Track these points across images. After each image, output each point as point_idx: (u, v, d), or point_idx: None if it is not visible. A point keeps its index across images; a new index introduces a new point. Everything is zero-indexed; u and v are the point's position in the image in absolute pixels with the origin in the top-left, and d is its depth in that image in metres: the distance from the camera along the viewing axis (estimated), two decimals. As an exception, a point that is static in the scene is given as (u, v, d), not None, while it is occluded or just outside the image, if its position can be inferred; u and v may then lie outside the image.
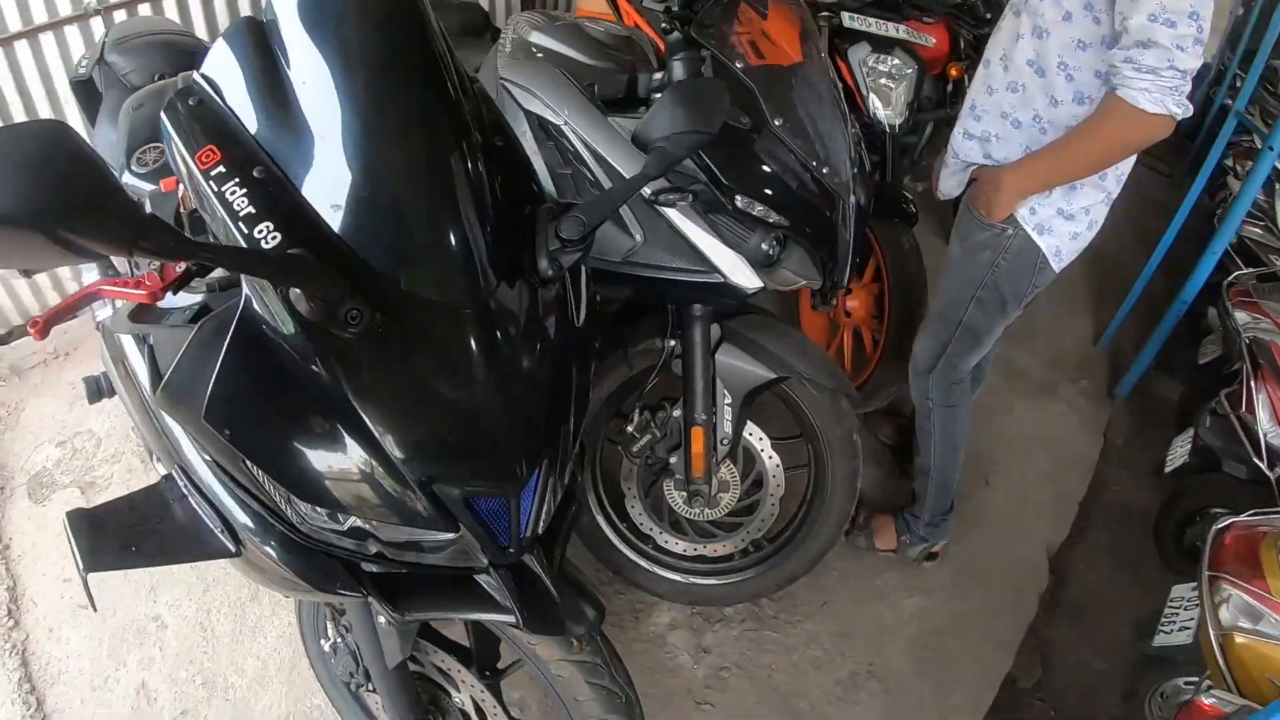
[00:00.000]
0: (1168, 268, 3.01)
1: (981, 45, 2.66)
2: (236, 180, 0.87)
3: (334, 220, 0.89)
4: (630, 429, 1.94)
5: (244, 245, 0.85)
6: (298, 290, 0.85)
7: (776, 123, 1.60)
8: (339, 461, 0.90)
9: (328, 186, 0.89)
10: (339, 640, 1.51)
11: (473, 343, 0.93)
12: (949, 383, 2.02)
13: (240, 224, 0.86)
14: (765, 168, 1.60)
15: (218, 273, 0.97)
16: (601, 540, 2.09)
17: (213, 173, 0.87)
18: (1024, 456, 2.74)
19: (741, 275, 1.62)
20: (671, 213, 1.60)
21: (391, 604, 1.09)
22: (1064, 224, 1.71)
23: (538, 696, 1.94)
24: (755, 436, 1.99)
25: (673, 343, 1.82)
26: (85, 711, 2.01)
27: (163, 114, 0.93)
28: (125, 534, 1.09)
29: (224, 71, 0.96)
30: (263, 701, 2.02)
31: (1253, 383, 2.27)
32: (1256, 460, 2.22)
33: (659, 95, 1.56)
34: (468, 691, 1.45)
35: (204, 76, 0.97)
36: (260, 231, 0.86)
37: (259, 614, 2.20)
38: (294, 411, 0.89)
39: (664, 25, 1.64)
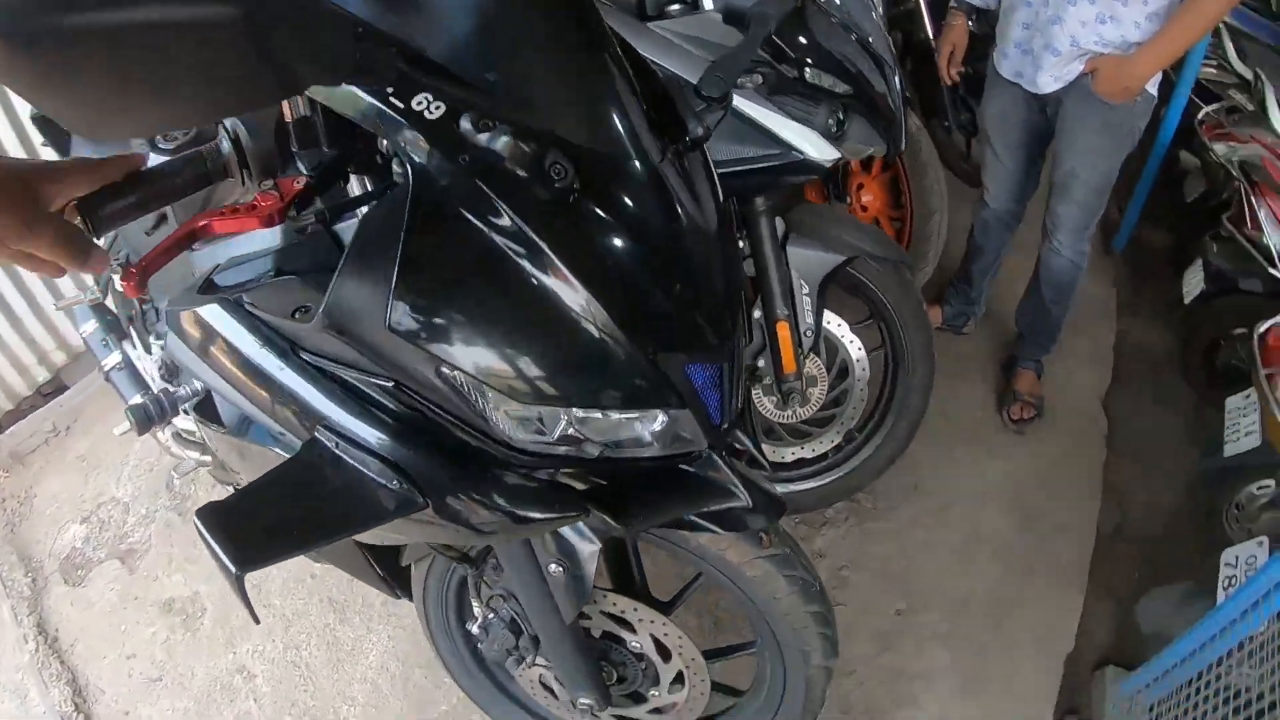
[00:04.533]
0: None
1: None
2: None
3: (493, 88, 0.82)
4: None
5: (399, 118, 0.79)
6: (498, 144, 0.79)
7: None
8: (551, 343, 0.83)
9: (476, 58, 0.83)
10: (490, 615, 1.41)
11: (664, 199, 0.88)
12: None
13: (393, 97, 0.79)
14: (823, 40, 1.60)
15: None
16: None
17: None
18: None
19: (818, 149, 1.62)
20: (738, 100, 1.57)
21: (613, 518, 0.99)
22: None
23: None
24: (834, 324, 1.99)
25: (741, 243, 1.79)
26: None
27: None
28: (273, 518, 0.87)
29: None
30: (386, 721, 1.92)
31: (1253, 199, 2.36)
32: (1272, 270, 2.32)
33: None
34: (646, 630, 1.37)
35: None
36: (419, 103, 0.80)
37: (352, 636, 2.08)
38: (495, 295, 0.80)
39: None
